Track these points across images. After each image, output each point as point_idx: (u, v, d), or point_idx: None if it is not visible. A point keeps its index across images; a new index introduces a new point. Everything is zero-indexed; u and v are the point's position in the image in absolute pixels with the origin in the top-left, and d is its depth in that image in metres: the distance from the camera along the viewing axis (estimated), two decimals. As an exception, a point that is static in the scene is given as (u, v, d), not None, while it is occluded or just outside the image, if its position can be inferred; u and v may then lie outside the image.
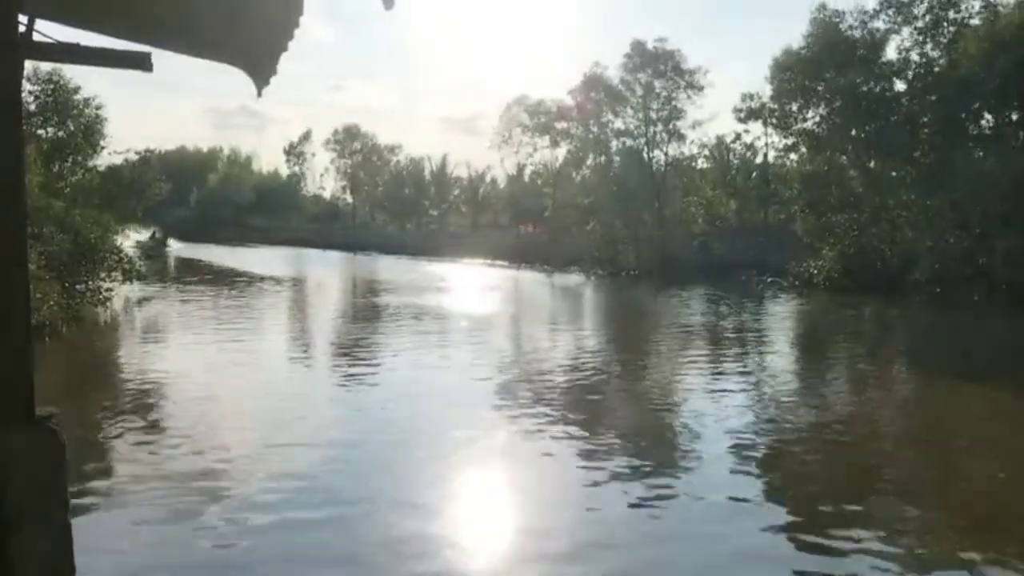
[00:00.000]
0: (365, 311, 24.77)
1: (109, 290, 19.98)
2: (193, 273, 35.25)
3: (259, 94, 5.35)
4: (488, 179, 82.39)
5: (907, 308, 26.14)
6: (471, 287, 33.57)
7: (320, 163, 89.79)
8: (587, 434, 9.37)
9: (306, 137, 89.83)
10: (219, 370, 13.58)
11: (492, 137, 65.84)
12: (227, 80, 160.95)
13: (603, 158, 52.52)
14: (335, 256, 57.58)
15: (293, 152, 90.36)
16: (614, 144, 51.56)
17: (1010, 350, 18.01)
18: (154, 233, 61.06)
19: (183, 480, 7.38)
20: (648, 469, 8.01)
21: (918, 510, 7.11)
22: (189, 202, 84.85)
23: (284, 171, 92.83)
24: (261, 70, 5.02)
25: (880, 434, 10.09)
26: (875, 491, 7.70)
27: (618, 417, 10.81)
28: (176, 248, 61.48)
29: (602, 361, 15.60)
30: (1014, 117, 31.61)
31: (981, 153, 30.93)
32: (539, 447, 8.82)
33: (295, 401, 11.35)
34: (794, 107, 36.72)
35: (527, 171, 69.96)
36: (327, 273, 43.00)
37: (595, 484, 7.52)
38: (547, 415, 10.24)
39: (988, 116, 32.46)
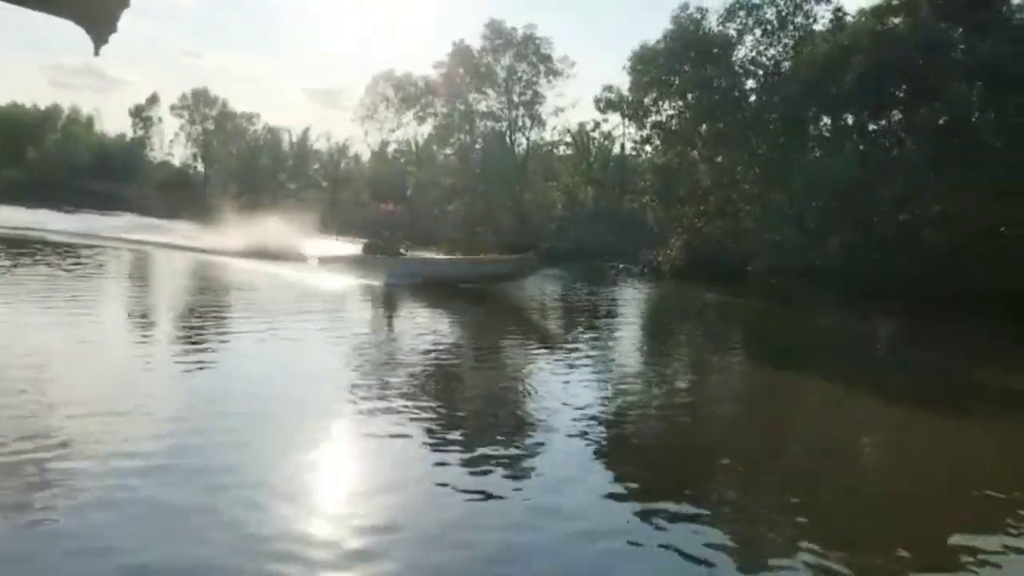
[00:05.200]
0: (206, 282, 23.49)
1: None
2: (24, 241, 32.16)
3: (96, 52, 4.81)
4: (351, 154, 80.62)
5: (744, 298, 27.41)
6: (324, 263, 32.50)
7: (170, 128, 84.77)
8: (414, 400, 9.15)
9: (153, 100, 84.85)
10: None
11: (356, 110, 64.40)
12: (70, 36, 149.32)
13: (467, 138, 52.44)
14: (183, 226, 54.49)
15: (139, 115, 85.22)
16: (479, 125, 51.61)
17: (835, 339, 19.25)
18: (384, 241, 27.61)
19: None
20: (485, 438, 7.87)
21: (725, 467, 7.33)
22: (22, 164, 78.35)
23: (130, 135, 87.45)
24: (98, 26, 4.46)
25: (697, 406, 10.41)
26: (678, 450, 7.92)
27: (469, 392, 10.62)
28: None
29: (447, 340, 15.41)
30: (850, 121, 33.67)
31: (819, 153, 32.86)
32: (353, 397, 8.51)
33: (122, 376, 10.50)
34: (649, 100, 37.70)
35: (390, 148, 68.88)
36: (170, 241, 40.54)
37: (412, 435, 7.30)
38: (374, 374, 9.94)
39: (826, 119, 34.43)
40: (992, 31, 28.18)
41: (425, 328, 16.75)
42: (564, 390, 10.60)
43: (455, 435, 8.04)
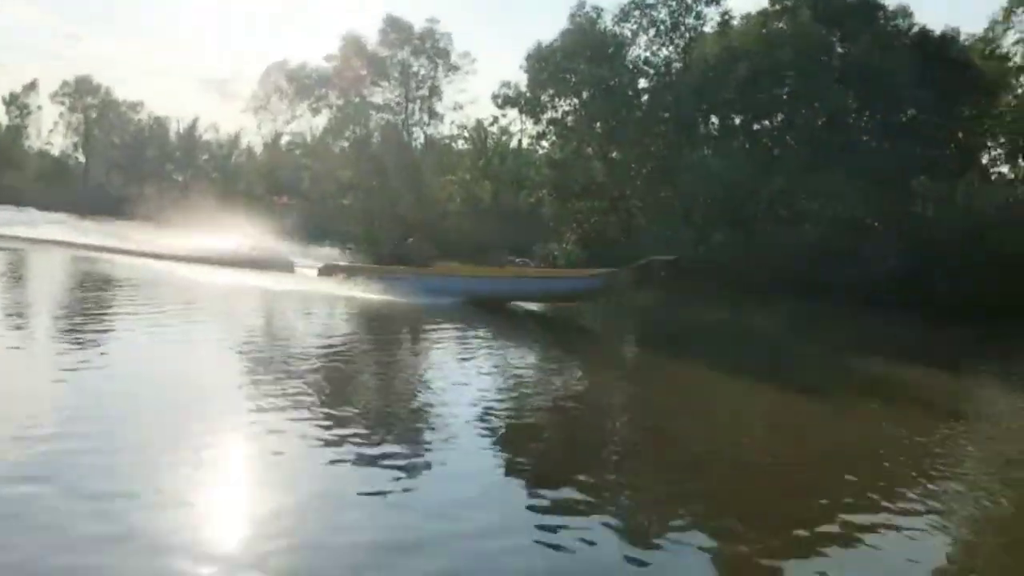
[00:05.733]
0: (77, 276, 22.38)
1: None
2: None
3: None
4: (243, 146, 78.21)
5: (634, 291, 28.04)
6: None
7: (49, 117, 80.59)
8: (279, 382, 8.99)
9: (32, 87, 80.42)
10: None
11: (249, 101, 62.49)
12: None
13: (362, 131, 51.74)
14: (60, 218, 51.63)
15: (15, 103, 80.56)
16: (373, 118, 51.00)
17: (717, 329, 20.03)
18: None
19: None
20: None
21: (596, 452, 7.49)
22: None
23: (5, 123, 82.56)
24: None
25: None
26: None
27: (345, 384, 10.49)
28: None
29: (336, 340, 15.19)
30: (737, 122, 34.90)
31: (708, 152, 33.93)
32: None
33: None
34: (545, 97, 38.06)
35: (284, 140, 67.16)
36: (47, 233, 38.37)
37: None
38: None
39: (715, 119, 35.57)
40: (864, 36, 29.76)
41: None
42: (457, 388, 10.59)
43: (348, 434, 7.85)
